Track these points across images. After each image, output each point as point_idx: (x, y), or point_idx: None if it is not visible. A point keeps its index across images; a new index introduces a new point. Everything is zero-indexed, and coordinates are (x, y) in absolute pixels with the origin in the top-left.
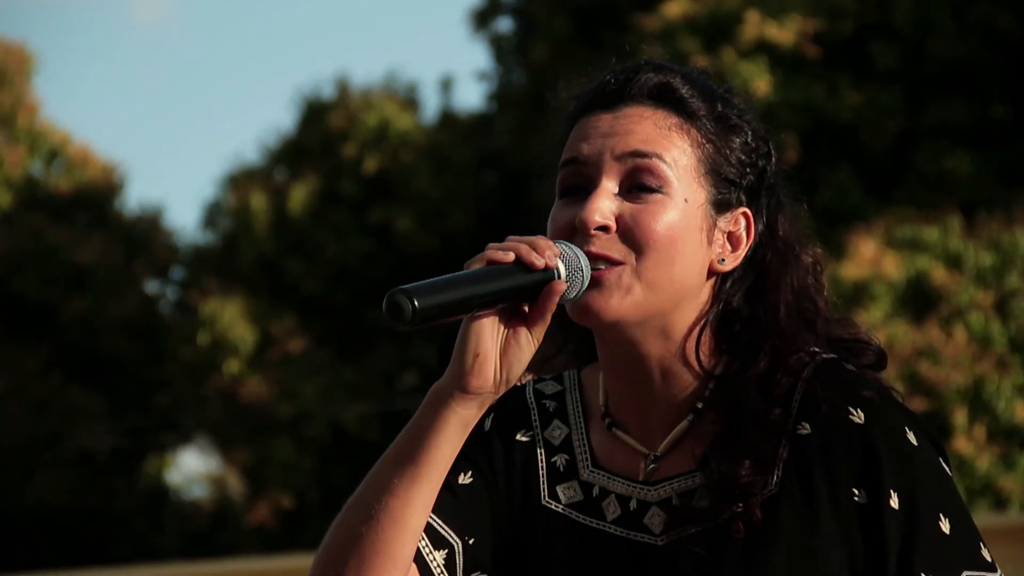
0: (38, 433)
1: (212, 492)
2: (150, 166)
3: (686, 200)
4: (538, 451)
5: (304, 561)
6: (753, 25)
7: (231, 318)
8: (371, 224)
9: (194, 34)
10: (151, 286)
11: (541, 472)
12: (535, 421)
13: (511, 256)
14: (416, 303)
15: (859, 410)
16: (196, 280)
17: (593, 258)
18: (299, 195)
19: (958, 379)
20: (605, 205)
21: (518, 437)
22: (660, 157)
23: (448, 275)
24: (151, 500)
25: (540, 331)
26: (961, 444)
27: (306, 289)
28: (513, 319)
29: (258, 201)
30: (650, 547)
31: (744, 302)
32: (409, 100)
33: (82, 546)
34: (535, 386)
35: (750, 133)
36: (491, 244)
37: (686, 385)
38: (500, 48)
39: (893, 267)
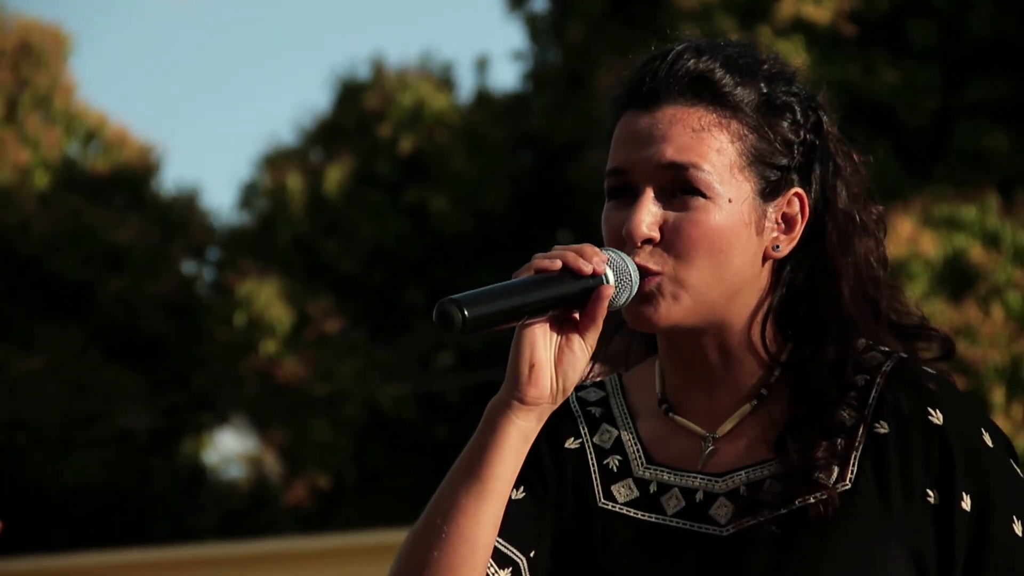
0: (76, 412)
1: (249, 472)
2: (187, 147)
3: (730, 200)
4: (589, 456)
5: (341, 541)
6: (789, 3)
7: (267, 299)
8: (406, 204)
9: (230, 14)
10: (188, 266)
11: (594, 475)
12: (583, 428)
13: (558, 264)
14: (466, 312)
15: (938, 411)
16: (232, 261)
17: (641, 271)
18: (335, 176)
19: (996, 358)
20: (648, 217)
21: (567, 445)
22: (696, 166)
23: (497, 284)
24: (189, 480)
25: (593, 337)
26: (999, 423)
27: (342, 269)
28: (565, 327)
29: (294, 182)
30: (716, 538)
31: (806, 284)
32: (444, 80)
33: (120, 525)
34: (578, 395)
35: (797, 108)
36: (537, 254)
37: (749, 371)
38: (535, 27)
39: (931, 246)
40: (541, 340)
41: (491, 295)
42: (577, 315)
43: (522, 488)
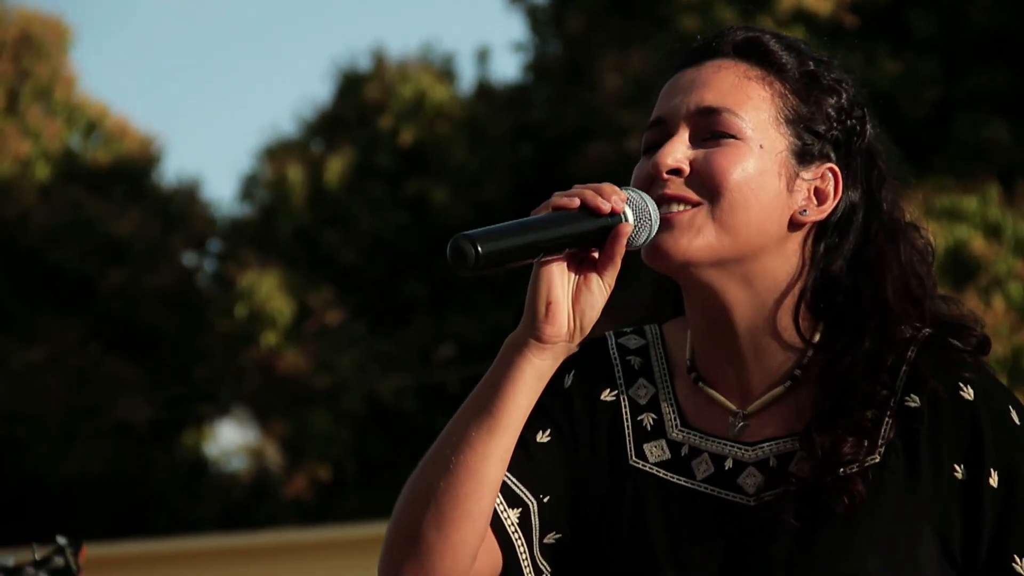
0: (77, 404)
1: (250, 464)
2: (187, 138)
3: (762, 146)
4: (623, 410)
5: (341, 533)
6: None
7: (268, 290)
8: (407, 196)
9: (231, 5)
10: (188, 258)
11: (627, 431)
12: (619, 379)
13: (576, 202)
14: (479, 248)
15: (969, 387)
16: (233, 252)
17: (667, 200)
18: (335, 167)
19: (997, 349)
20: (678, 149)
21: (602, 396)
22: (733, 112)
23: (512, 221)
24: (189, 472)
25: (611, 276)
26: None
27: (342, 261)
28: (583, 266)
29: (295, 173)
30: (741, 507)
31: (846, 272)
32: (445, 72)
33: (120, 517)
34: (617, 340)
35: (844, 95)
36: (557, 192)
37: (780, 349)
38: (536, 19)
39: (931, 236)
40: (558, 278)
41: (505, 231)
42: (596, 254)
43: (549, 432)
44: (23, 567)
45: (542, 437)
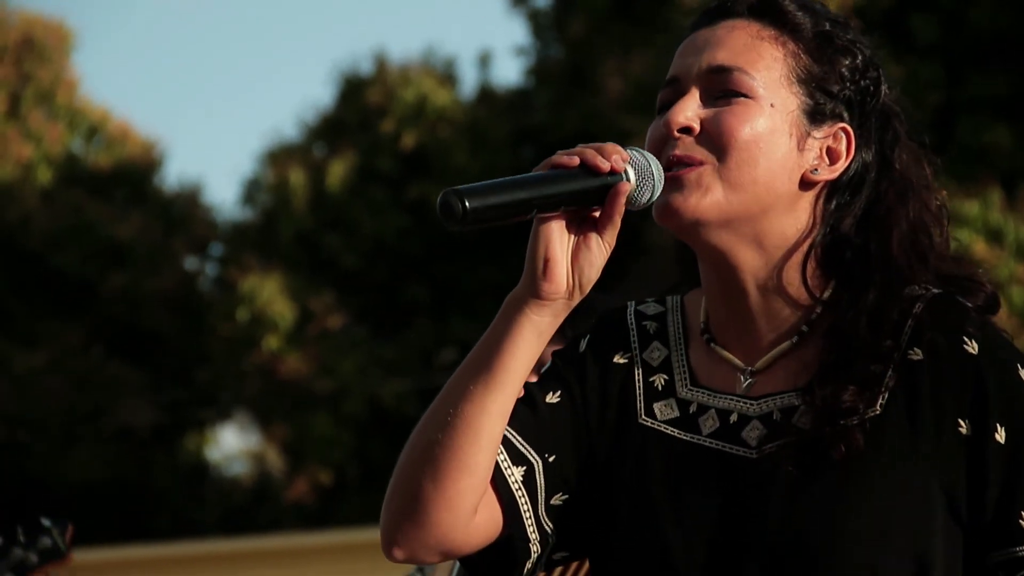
0: (78, 408)
1: (251, 468)
2: (189, 142)
3: (772, 105)
4: (636, 372)
5: (342, 537)
6: None
7: (270, 294)
8: (408, 200)
9: (233, 9)
10: (190, 262)
11: (638, 391)
12: (634, 343)
13: (576, 160)
14: (467, 203)
15: (973, 341)
16: (235, 256)
17: (677, 161)
18: (337, 171)
19: None
20: (689, 107)
21: (615, 359)
22: (744, 71)
23: (507, 178)
24: (191, 476)
25: (611, 235)
26: None
27: (344, 265)
28: (583, 224)
29: (296, 177)
30: (743, 459)
31: (856, 230)
32: (447, 76)
33: (121, 521)
34: (637, 307)
35: (859, 56)
36: (560, 151)
37: (789, 306)
38: (538, 23)
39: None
40: (557, 235)
41: (497, 187)
42: (596, 213)
43: (559, 393)
44: (10, 549)
45: (552, 398)
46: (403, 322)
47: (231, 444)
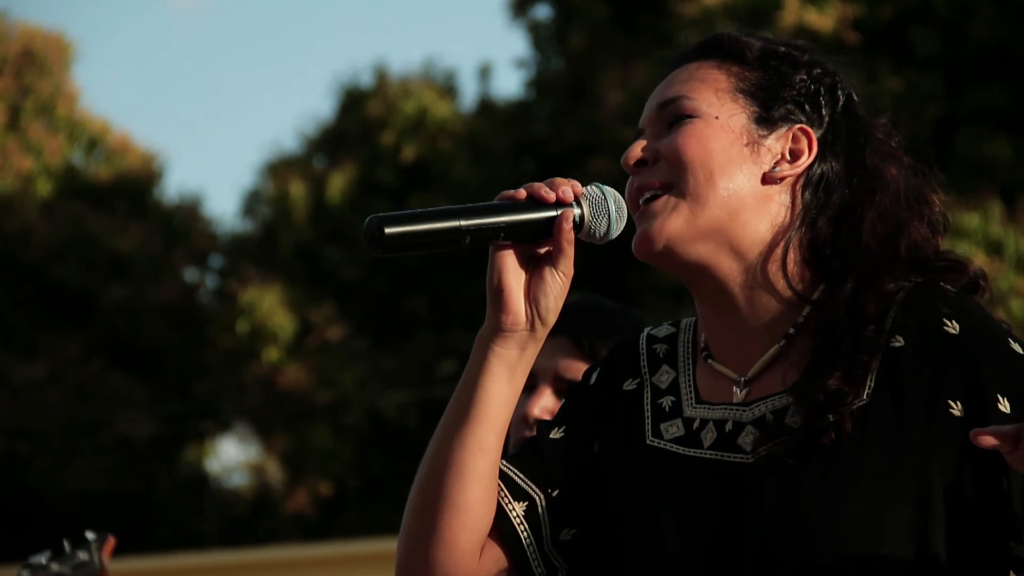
0: (78, 419)
1: (251, 480)
2: (189, 154)
3: (717, 118)
4: (645, 395)
5: (342, 549)
6: (792, 11)
7: (270, 306)
8: None
9: (232, 21)
10: (190, 274)
11: (647, 414)
12: (643, 368)
13: (523, 193)
14: (385, 229)
15: (953, 322)
16: (235, 268)
17: (639, 194)
18: (337, 183)
19: None
20: (639, 145)
21: (625, 386)
22: (686, 96)
23: (440, 207)
24: (191, 487)
25: (565, 265)
26: None
27: (344, 277)
28: (537, 256)
29: (297, 189)
30: (740, 465)
31: (833, 228)
32: (447, 88)
33: (121, 533)
34: (650, 332)
35: (815, 69)
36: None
37: (776, 310)
38: (538, 35)
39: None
40: (511, 266)
41: (422, 216)
42: (546, 246)
43: (563, 429)
44: (50, 564)
45: (555, 434)
46: (403, 334)
47: (231, 456)
